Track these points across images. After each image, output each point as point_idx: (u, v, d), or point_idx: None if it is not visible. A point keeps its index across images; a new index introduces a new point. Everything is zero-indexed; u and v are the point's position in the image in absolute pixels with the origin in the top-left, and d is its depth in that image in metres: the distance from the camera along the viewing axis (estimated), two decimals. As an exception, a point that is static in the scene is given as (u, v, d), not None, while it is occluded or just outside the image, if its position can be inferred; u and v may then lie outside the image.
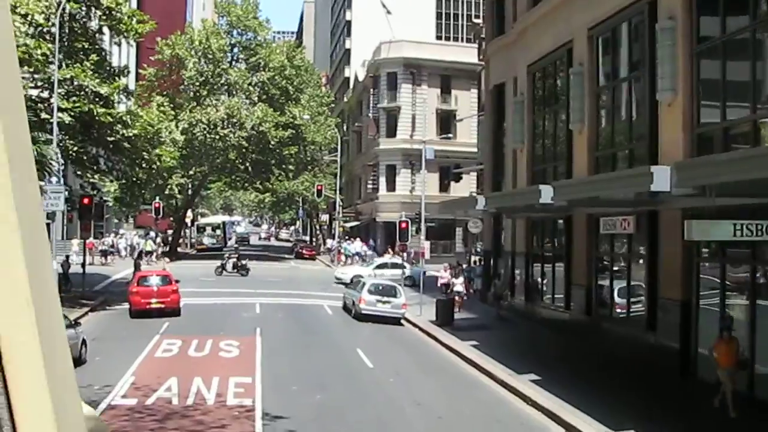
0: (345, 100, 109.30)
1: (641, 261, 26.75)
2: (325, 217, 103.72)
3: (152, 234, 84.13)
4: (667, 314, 24.36)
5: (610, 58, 29.84)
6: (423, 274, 40.90)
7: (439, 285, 43.15)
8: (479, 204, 30.58)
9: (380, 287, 38.43)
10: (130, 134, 38.43)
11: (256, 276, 55.11)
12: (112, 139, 38.24)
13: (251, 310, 38.72)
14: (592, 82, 30.37)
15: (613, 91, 29.55)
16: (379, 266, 54.80)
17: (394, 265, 54.34)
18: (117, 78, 39.66)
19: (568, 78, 32.10)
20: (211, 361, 25.45)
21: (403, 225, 45.84)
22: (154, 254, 68.55)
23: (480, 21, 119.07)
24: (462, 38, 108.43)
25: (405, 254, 47.79)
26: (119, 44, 43.89)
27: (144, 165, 41.82)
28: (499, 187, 42.31)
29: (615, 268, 29.04)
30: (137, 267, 47.21)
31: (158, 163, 44.10)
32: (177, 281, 37.73)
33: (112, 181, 46.03)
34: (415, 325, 36.98)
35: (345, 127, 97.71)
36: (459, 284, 40.49)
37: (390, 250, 73.93)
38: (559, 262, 33.84)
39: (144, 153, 40.97)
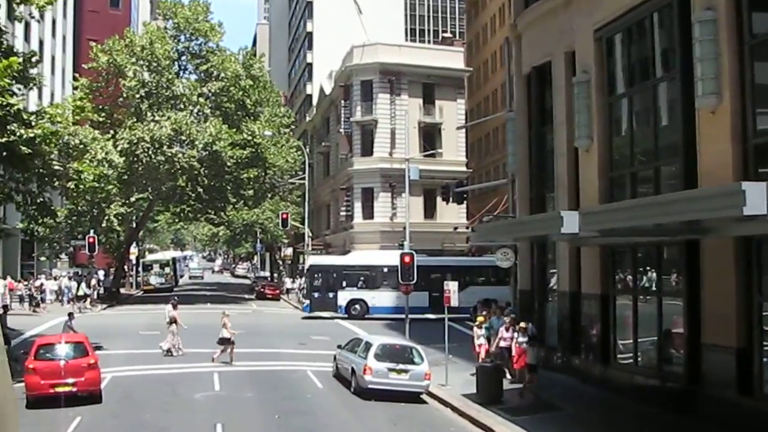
0: (308, 119, 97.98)
1: None
2: (288, 251, 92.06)
3: (100, 273, 72.28)
4: None
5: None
6: (447, 326, 29.38)
7: (494, 349, 28.63)
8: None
9: (392, 350, 26.97)
10: (31, 135, 26.79)
11: (212, 326, 43.05)
12: (4, 140, 26.47)
13: (207, 386, 26.99)
14: (733, 34, 19.47)
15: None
16: None
17: None
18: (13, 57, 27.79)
19: (685, 33, 21.17)
20: None
21: (407, 259, 34.82)
22: (89, 299, 56.23)
23: (449, 35, 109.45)
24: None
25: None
26: (19, 19, 31.84)
27: (55, 182, 30.05)
28: (543, 203, 31.33)
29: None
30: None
31: (77, 182, 32.28)
32: (97, 347, 26.08)
33: (19, 207, 33.64)
34: (445, 402, 25.55)
35: (309, 150, 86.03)
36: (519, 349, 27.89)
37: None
38: (672, 310, 22.73)
39: (55, 165, 29.28)
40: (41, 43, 75.76)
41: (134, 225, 73.18)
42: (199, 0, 67.66)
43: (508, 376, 27.56)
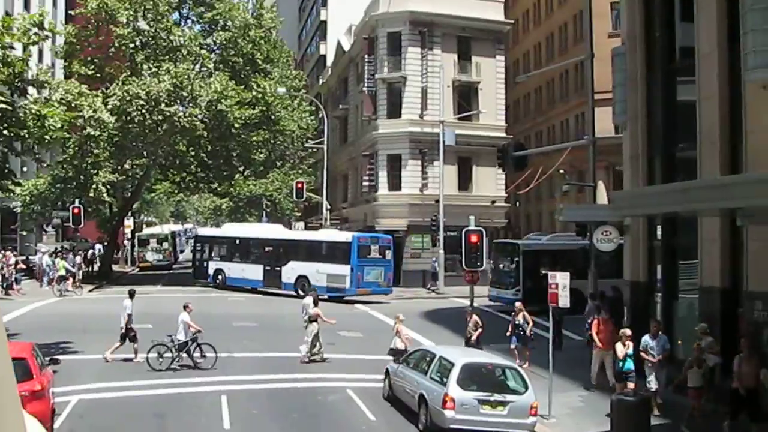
0: (321, 82, 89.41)
1: None
2: (299, 225, 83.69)
3: (97, 248, 64.40)
4: None
5: None
6: (554, 335, 21.34)
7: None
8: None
9: (481, 371, 18.84)
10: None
11: (216, 317, 34.85)
12: None
13: (212, 419, 18.86)
14: None
15: None
16: None
17: None
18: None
19: None
20: None
21: (474, 238, 26.72)
22: (70, 280, 47.78)
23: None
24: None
25: (472, 287, 28.19)
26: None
27: (3, 130, 21.84)
28: (671, 165, 23.18)
29: None
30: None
31: (41, 131, 23.99)
32: (48, 363, 17.85)
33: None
34: (561, 451, 17.57)
35: (322, 115, 77.56)
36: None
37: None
38: None
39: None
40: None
41: (129, 195, 64.87)
42: (203, -62, 59.09)
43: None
